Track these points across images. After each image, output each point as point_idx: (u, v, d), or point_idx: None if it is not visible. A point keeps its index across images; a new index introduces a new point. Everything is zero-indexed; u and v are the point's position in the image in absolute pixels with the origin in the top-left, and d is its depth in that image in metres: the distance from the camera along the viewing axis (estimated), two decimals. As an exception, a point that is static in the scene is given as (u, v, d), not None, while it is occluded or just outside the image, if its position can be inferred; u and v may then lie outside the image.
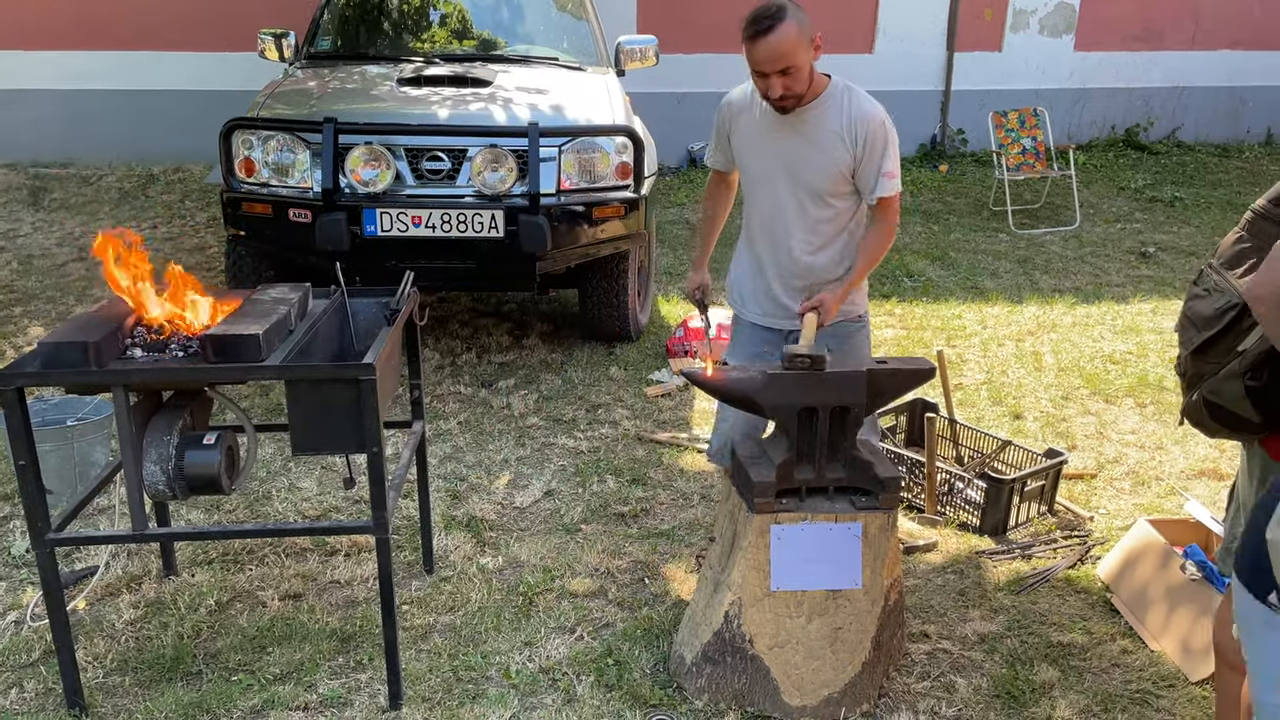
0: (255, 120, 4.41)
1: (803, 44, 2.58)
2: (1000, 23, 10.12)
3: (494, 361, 5.04)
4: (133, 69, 9.11)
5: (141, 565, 3.25)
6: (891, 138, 2.72)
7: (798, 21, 2.57)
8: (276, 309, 2.64)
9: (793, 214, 2.80)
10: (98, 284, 6.14)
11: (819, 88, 2.71)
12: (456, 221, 4.23)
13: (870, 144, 2.68)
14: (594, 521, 3.63)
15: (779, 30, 2.54)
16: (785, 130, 2.75)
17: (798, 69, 2.60)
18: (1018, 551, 3.43)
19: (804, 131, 2.72)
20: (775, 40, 2.55)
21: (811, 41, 2.62)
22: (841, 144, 2.69)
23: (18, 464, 2.35)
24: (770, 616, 2.61)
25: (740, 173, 2.95)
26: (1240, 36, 10.37)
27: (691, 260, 3.20)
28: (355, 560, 3.33)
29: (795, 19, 2.57)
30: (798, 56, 2.58)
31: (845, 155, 2.70)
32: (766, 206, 2.85)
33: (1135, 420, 4.48)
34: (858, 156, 2.69)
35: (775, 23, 2.54)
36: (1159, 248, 7.34)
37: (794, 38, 2.56)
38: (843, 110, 2.69)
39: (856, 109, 2.69)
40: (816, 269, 2.84)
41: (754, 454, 2.71)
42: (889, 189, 2.73)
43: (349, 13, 5.76)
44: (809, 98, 2.69)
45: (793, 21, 2.56)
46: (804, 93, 2.67)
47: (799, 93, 2.66)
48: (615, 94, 5.00)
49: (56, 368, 2.33)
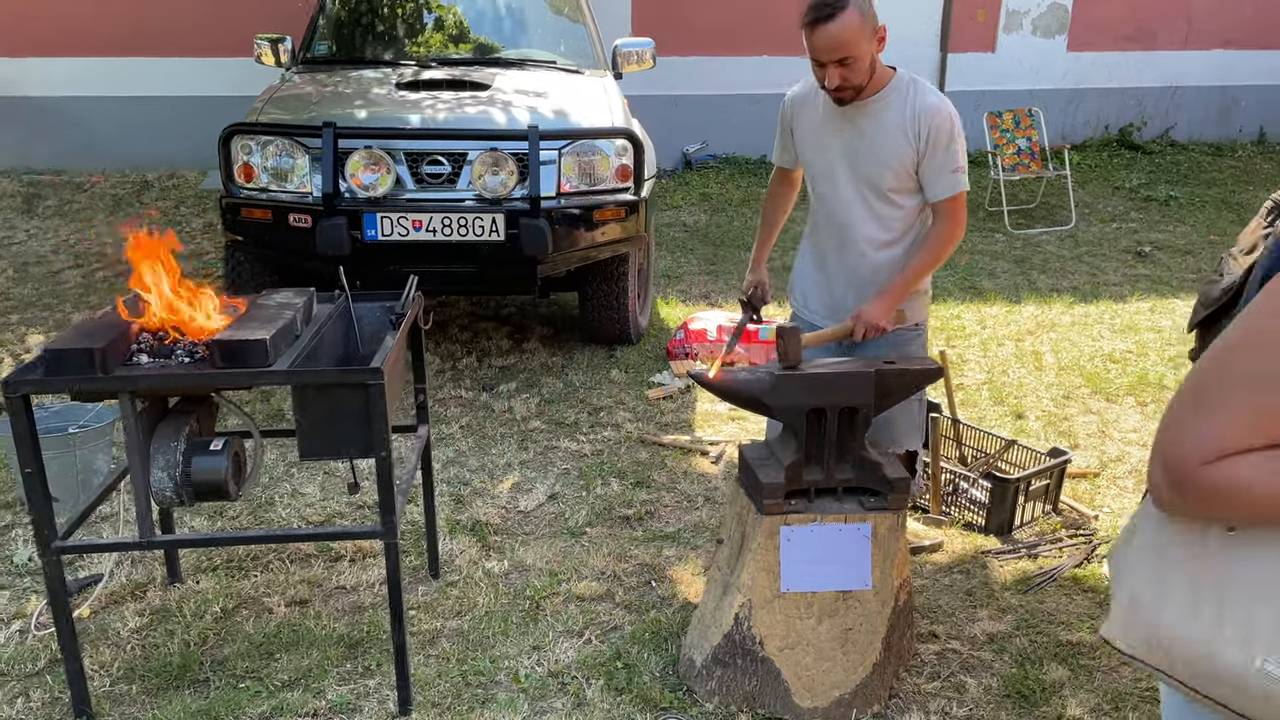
0: (254, 125, 4.40)
1: (864, 34, 2.53)
2: (993, 24, 10.16)
3: (494, 365, 5.03)
4: (124, 75, 9.09)
5: (146, 573, 3.23)
6: (957, 131, 2.64)
7: (860, 10, 2.52)
8: (282, 314, 2.63)
9: (858, 209, 2.75)
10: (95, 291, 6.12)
11: (882, 80, 2.66)
12: (457, 225, 4.22)
13: (934, 138, 2.62)
14: (599, 525, 3.62)
15: (840, 18, 2.49)
16: (846, 124, 2.70)
17: (856, 59, 2.55)
18: (1024, 551, 3.43)
19: (865, 125, 2.68)
20: (835, 29, 2.50)
21: (875, 33, 2.57)
22: (904, 138, 2.63)
23: (24, 471, 2.33)
24: (780, 618, 2.60)
25: (804, 168, 2.91)
26: (1232, 36, 10.42)
27: (750, 260, 3.14)
28: (360, 566, 3.31)
29: (859, 7, 2.51)
30: (858, 47, 2.53)
31: (908, 149, 2.64)
32: (830, 202, 2.80)
33: (1137, 419, 4.49)
34: (920, 151, 2.64)
35: (836, 10, 2.49)
36: (1155, 247, 7.36)
37: (855, 27, 2.50)
38: (906, 103, 2.64)
39: (920, 102, 2.64)
40: (883, 267, 2.79)
41: (762, 455, 2.70)
42: (955, 186, 2.66)
43: (345, 17, 5.76)
44: (871, 90, 2.64)
45: (855, 10, 2.50)
46: (863, 84, 2.62)
47: (857, 84, 2.61)
48: (614, 96, 5.00)
49: (62, 374, 2.31)
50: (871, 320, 2.68)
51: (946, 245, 2.73)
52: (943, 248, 2.73)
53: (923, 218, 2.80)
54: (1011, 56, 10.16)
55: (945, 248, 2.73)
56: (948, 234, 2.71)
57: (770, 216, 3.14)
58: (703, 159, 9.80)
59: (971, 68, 10.10)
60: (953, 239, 2.73)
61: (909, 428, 2.94)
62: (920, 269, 2.74)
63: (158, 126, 9.14)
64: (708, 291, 6.28)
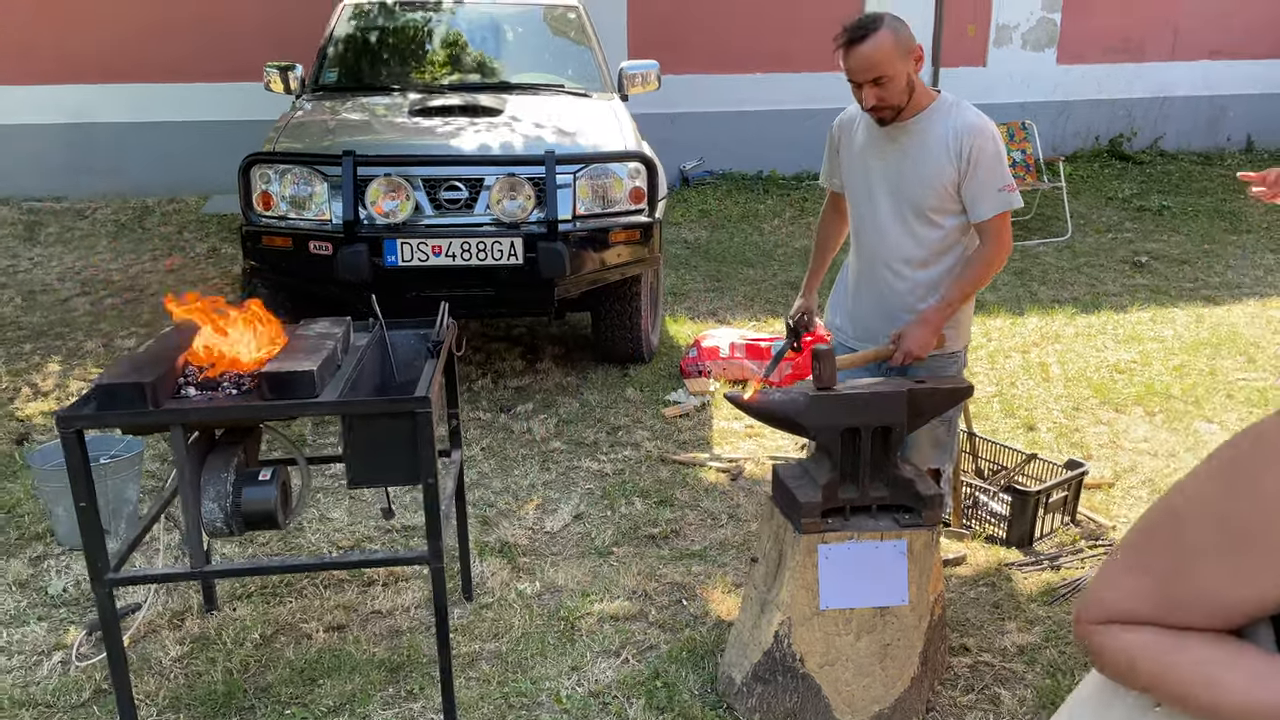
0: (274, 155, 4.44)
1: (898, 54, 2.59)
2: (984, 38, 10.29)
3: (510, 386, 5.08)
4: (123, 102, 9.12)
5: (182, 601, 3.26)
6: (1001, 150, 2.66)
7: (894, 31, 2.58)
8: (324, 344, 2.67)
9: (896, 230, 2.77)
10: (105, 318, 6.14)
11: (924, 101, 2.69)
12: (476, 250, 4.28)
13: (976, 157, 2.63)
14: (625, 544, 3.67)
15: (872, 39, 2.56)
16: (888, 145, 2.74)
17: (891, 79, 2.60)
18: (1046, 562, 3.49)
19: (907, 145, 2.71)
20: (868, 49, 2.57)
21: (910, 53, 2.62)
22: (946, 157, 2.65)
23: (78, 505, 2.37)
24: (820, 635, 2.65)
25: (846, 191, 2.93)
26: (1218, 46, 10.58)
27: (802, 285, 3.16)
28: (394, 590, 3.35)
29: (892, 29, 2.58)
30: (891, 66, 2.58)
31: (950, 169, 2.66)
32: (869, 223, 2.83)
33: (1146, 429, 4.56)
34: (963, 171, 2.65)
35: (869, 32, 2.57)
36: (1151, 257, 7.46)
37: (888, 48, 2.57)
38: (949, 122, 2.66)
39: (961, 120, 2.66)
40: (917, 288, 2.80)
41: (796, 475, 2.76)
42: (1003, 204, 2.65)
43: (355, 45, 5.81)
44: (912, 110, 2.68)
45: (889, 31, 2.57)
46: (900, 104, 2.66)
47: (894, 104, 2.65)
48: (624, 119, 5.07)
49: (114, 409, 2.35)
50: (910, 349, 2.72)
51: (991, 266, 2.73)
52: (987, 268, 2.73)
53: (962, 241, 2.81)
54: (1002, 70, 10.29)
55: (989, 269, 2.73)
56: (992, 254, 2.71)
57: (823, 242, 3.16)
58: (699, 176, 9.88)
59: (963, 81, 10.19)
60: (998, 259, 2.73)
61: (932, 447, 2.99)
62: (963, 291, 2.74)
63: (157, 152, 9.17)
64: (714, 308, 6.34)
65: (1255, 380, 5.09)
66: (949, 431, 2.93)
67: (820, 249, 3.16)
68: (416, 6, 6.00)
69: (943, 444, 2.92)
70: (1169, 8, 10.40)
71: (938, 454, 2.92)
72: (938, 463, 2.93)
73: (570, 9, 6.15)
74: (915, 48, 2.63)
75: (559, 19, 6.13)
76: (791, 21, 9.81)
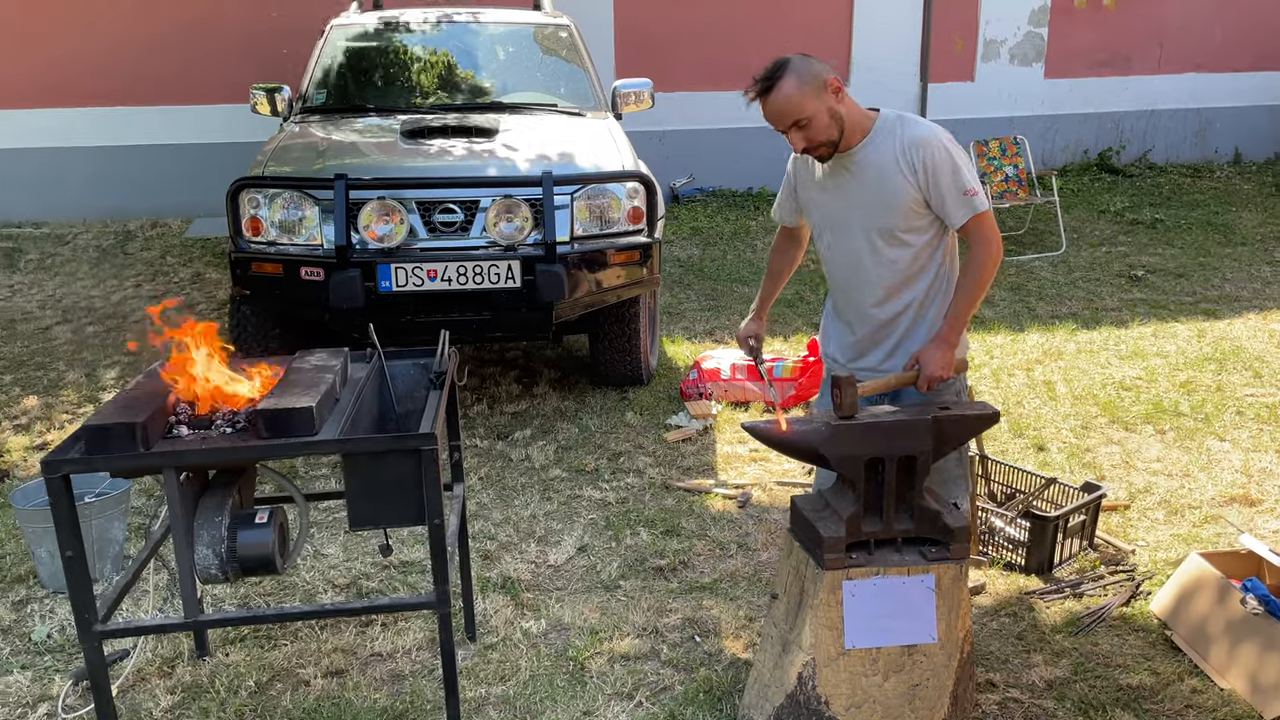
0: (263, 179, 4.32)
1: (807, 95, 2.56)
2: (971, 53, 10.28)
3: (506, 412, 4.96)
4: (102, 125, 8.98)
5: (173, 647, 3.11)
6: (956, 155, 2.60)
7: (798, 75, 2.57)
8: (323, 377, 2.55)
9: (870, 261, 2.72)
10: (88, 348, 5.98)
11: (865, 125, 2.64)
12: (473, 273, 4.16)
13: (933, 168, 2.58)
14: (632, 577, 3.54)
15: (776, 89, 2.57)
16: (844, 175, 2.69)
17: (810, 119, 2.58)
18: (1068, 590, 3.39)
19: (860, 174, 2.66)
20: (774, 99, 2.58)
21: (824, 87, 2.58)
22: (901, 175, 2.60)
23: (64, 554, 2.23)
24: (846, 676, 2.54)
25: (809, 225, 2.90)
26: (1203, 60, 10.61)
27: (752, 306, 3.12)
28: (394, 631, 3.21)
29: (795, 73, 2.57)
30: (803, 109, 2.57)
31: (908, 187, 2.60)
32: (839, 252, 2.79)
33: (1158, 448, 4.48)
34: (923, 185, 2.60)
35: (772, 83, 2.57)
36: (1147, 270, 7.41)
37: (793, 93, 2.56)
38: (895, 141, 2.62)
39: (906, 136, 2.61)
40: (900, 311, 2.76)
41: (818, 507, 2.64)
42: (971, 208, 2.60)
43: (344, 66, 5.70)
44: (854, 138, 2.64)
45: (791, 77, 2.56)
46: (831, 139, 2.62)
47: (822, 141, 2.62)
48: (620, 138, 4.97)
49: (103, 452, 2.22)
50: (933, 372, 2.63)
51: (985, 269, 2.66)
52: (982, 272, 2.66)
53: (936, 256, 2.75)
54: (991, 85, 10.28)
55: (984, 272, 2.66)
56: (983, 257, 2.64)
57: (775, 271, 3.13)
58: (689, 193, 9.80)
59: (952, 97, 10.20)
60: (990, 261, 2.66)
61: (945, 481, 2.86)
62: (969, 300, 2.67)
63: (138, 175, 9.03)
64: (711, 328, 6.24)
65: (1264, 396, 5.02)
66: (959, 462, 2.83)
67: (772, 276, 3.12)
68: (405, 27, 5.90)
69: (954, 476, 2.82)
70: (1154, 22, 10.43)
71: (952, 486, 2.81)
72: (955, 495, 2.82)
73: (562, 27, 6.06)
74: (828, 81, 2.59)
75: (550, 37, 6.04)
76: (779, 37, 9.75)
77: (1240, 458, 4.35)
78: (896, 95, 9.99)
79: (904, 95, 10.09)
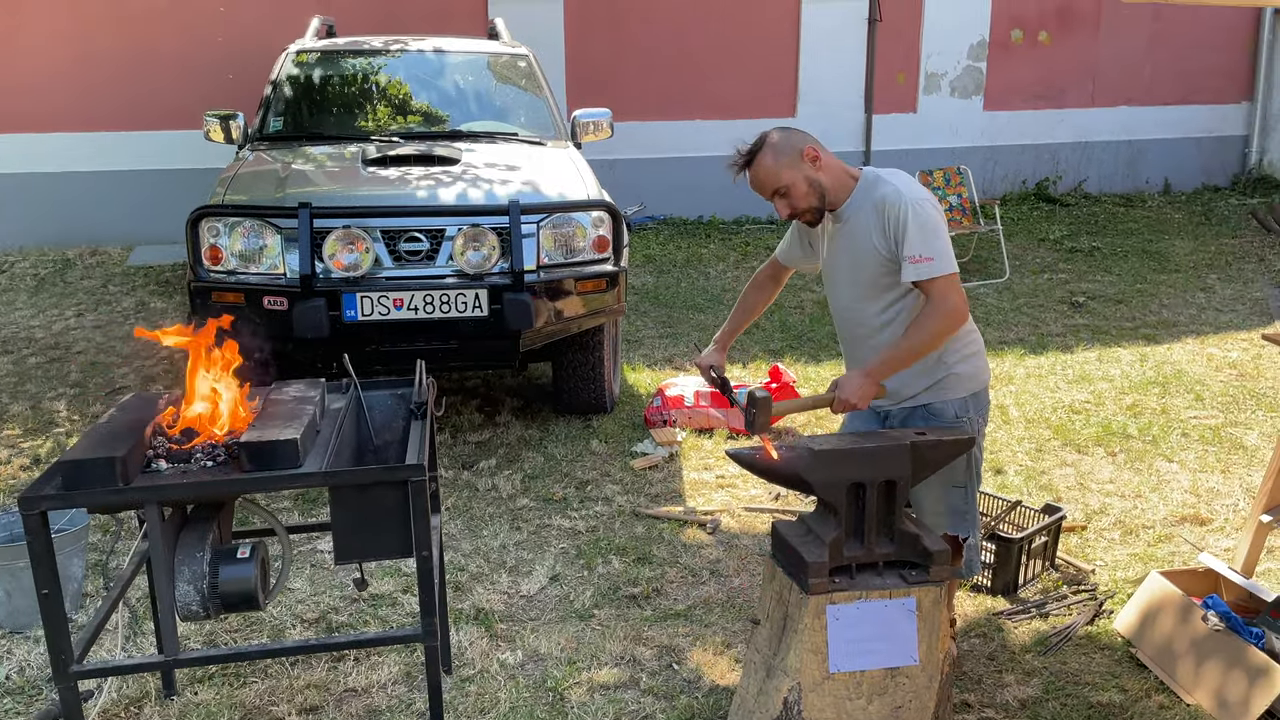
0: (224, 208, 4.26)
1: (785, 165, 2.71)
2: (913, 85, 10.53)
3: (470, 441, 4.92)
4: (36, 151, 8.76)
5: (139, 687, 3.02)
6: (915, 217, 2.61)
7: (774, 150, 2.72)
8: (303, 409, 2.53)
9: (869, 310, 2.81)
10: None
11: (849, 186, 2.75)
12: (440, 302, 4.14)
13: (896, 225, 2.64)
14: (606, 606, 3.54)
15: (755, 164, 2.74)
16: (837, 234, 2.81)
17: (789, 187, 2.72)
18: (1034, 610, 3.46)
19: (848, 231, 2.78)
20: (754, 171, 2.75)
21: (801, 156, 2.71)
22: (877, 233, 2.69)
23: (40, 593, 2.17)
24: (830, 700, 2.56)
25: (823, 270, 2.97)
26: (1134, 94, 11.01)
27: (714, 337, 3.14)
28: (368, 665, 3.16)
29: (771, 148, 2.72)
30: (781, 179, 2.72)
31: (883, 243, 2.69)
32: (835, 301, 2.93)
33: (1110, 469, 4.61)
34: (894, 239, 2.66)
35: (750, 158, 2.74)
36: (1088, 296, 7.64)
37: (770, 166, 2.72)
38: (868, 202, 2.71)
39: (878, 194, 2.69)
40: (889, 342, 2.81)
41: (800, 533, 2.68)
42: (919, 273, 2.61)
43: (301, 93, 5.66)
44: (839, 199, 2.75)
45: (767, 150, 2.72)
46: (813, 205, 2.75)
47: (805, 208, 2.76)
48: (583, 167, 5.01)
49: (82, 487, 2.17)
50: (846, 397, 2.66)
51: (931, 328, 2.63)
52: (928, 330, 2.63)
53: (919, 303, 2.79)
54: (933, 116, 10.53)
55: (930, 330, 2.63)
56: (934, 316, 2.62)
57: (748, 304, 3.15)
58: (640, 220, 9.86)
59: (895, 128, 10.43)
60: (940, 321, 2.62)
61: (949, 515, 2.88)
62: (907, 350, 2.66)
63: (77, 202, 8.82)
64: (670, 355, 6.28)
65: (1207, 418, 5.19)
66: (964, 499, 2.88)
67: (743, 310, 3.14)
68: (364, 54, 5.88)
69: (959, 511, 2.87)
70: (1088, 57, 10.80)
71: (955, 522, 2.87)
72: (956, 530, 2.87)
73: (520, 57, 6.09)
74: (805, 149, 2.71)
75: (508, 66, 6.06)
76: (728, 69, 9.92)
77: (1189, 478, 4.50)
78: (842, 125, 10.19)
79: (849, 125, 10.30)
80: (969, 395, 2.82)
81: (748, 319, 3.16)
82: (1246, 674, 2.83)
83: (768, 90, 10.10)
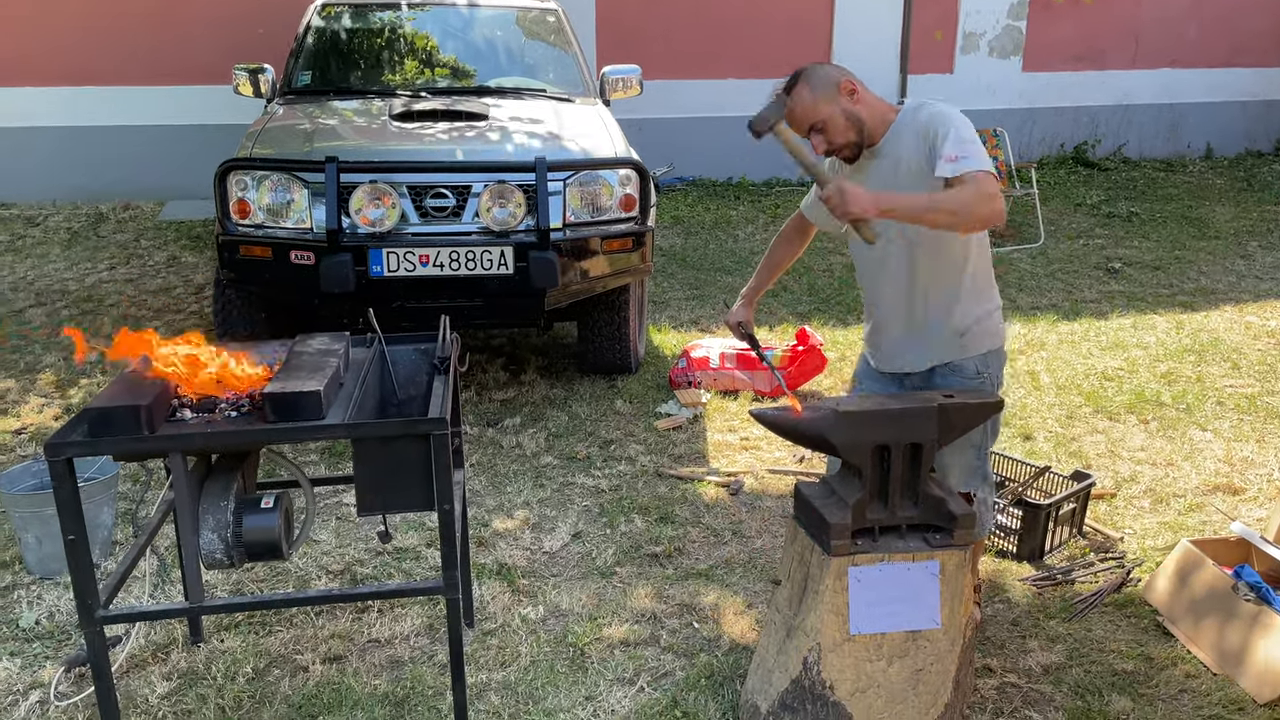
0: (252, 160, 4.25)
1: (820, 100, 2.60)
2: (950, 45, 10.33)
3: (495, 399, 4.93)
4: (70, 105, 8.80)
5: (166, 634, 3.07)
6: (957, 130, 2.48)
7: (809, 82, 2.61)
8: (327, 362, 2.52)
9: (901, 253, 2.68)
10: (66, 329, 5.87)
11: (888, 120, 2.63)
12: (465, 259, 4.13)
13: (936, 136, 2.50)
14: (628, 564, 3.54)
15: (792, 98, 2.62)
16: (872, 174, 2.65)
17: (826, 122, 2.61)
18: (1060, 577, 3.43)
19: (889, 166, 2.63)
20: (790, 106, 2.62)
21: (838, 90, 2.60)
22: (923, 155, 2.54)
23: (67, 539, 2.20)
24: (850, 661, 2.55)
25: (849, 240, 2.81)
26: (1178, 55, 10.73)
27: (741, 292, 3.09)
28: (391, 617, 3.19)
29: (807, 80, 2.62)
30: (819, 113, 2.60)
31: (925, 164, 2.53)
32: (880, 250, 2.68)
33: (1142, 437, 4.54)
34: (931, 148, 2.51)
35: (788, 91, 2.63)
36: (1124, 263, 7.50)
37: (807, 99, 2.60)
38: (914, 127, 2.59)
39: (923, 117, 2.57)
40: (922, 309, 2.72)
41: (823, 494, 2.65)
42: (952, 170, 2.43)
43: (329, 47, 5.63)
44: (879, 133, 2.63)
45: (803, 83, 2.61)
46: (852, 140, 2.63)
47: (843, 143, 2.64)
48: (611, 125, 4.95)
49: (107, 435, 2.18)
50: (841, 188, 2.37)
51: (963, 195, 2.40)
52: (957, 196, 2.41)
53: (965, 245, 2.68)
54: (969, 77, 10.34)
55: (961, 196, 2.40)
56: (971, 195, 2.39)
57: (775, 260, 3.07)
58: (669, 182, 9.79)
59: (931, 89, 10.25)
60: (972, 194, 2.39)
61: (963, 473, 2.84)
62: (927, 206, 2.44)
63: (109, 157, 8.87)
64: (697, 317, 6.24)
65: (1243, 387, 5.10)
66: (979, 455, 2.83)
67: (770, 266, 3.07)
68: (391, 6, 5.83)
69: (974, 469, 2.82)
70: (1130, 17, 10.53)
71: (969, 479, 2.82)
72: (970, 487, 2.82)
73: (549, 12, 6.02)
74: (842, 82, 2.60)
75: (537, 21, 5.99)
76: (761, 27, 9.77)
77: (1222, 447, 4.42)
78: (876, 85, 9.90)
79: (884, 86, 10.12)
80: (990, 351, 2.76)
81: (774, 274, 3.10)
82: (1276, 645, 2.79)
83: (801, 48, 9.91)
